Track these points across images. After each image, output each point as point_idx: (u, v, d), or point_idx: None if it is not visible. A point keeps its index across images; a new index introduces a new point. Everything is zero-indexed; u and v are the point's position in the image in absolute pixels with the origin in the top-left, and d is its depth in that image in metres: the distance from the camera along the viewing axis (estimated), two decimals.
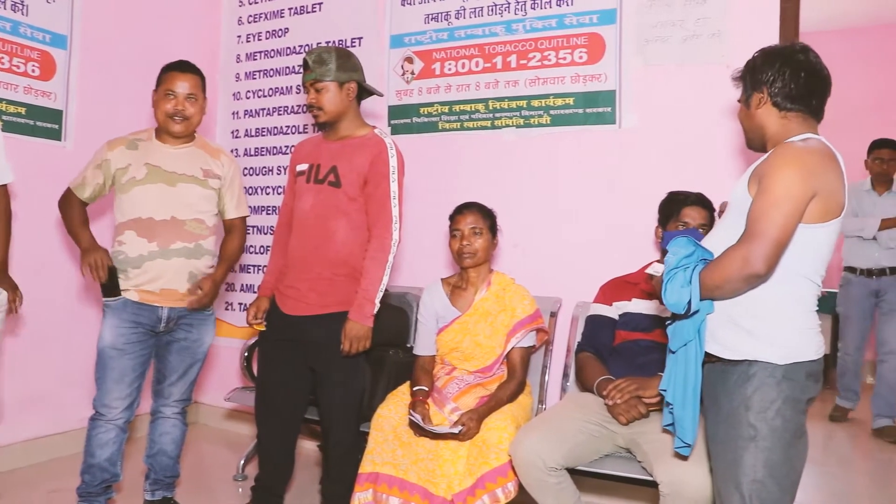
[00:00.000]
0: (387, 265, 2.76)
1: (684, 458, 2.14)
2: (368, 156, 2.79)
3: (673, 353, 1.99)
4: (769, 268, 1.78)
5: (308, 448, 3.98)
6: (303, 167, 2.91)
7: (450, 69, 3.80)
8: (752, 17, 3.15)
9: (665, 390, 2.00)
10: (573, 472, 2.56)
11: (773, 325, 1.88)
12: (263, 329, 2.95)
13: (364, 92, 2.91)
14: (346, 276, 2.81)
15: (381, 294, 2.76)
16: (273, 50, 4.41)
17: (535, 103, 3.56)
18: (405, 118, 3.91)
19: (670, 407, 2.00)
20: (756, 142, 2.05)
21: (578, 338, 3.03)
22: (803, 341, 1.90)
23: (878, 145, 4.98)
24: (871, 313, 4.96)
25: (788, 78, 1.93)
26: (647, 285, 2.79)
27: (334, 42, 4.10)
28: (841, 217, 1.88)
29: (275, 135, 4.38)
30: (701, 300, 1.88)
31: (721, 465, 1.94)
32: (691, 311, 1.88)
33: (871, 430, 4.85)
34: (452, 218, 2.98)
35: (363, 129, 2.89)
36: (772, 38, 3.04)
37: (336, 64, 2.79)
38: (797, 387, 1.86)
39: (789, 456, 1.87)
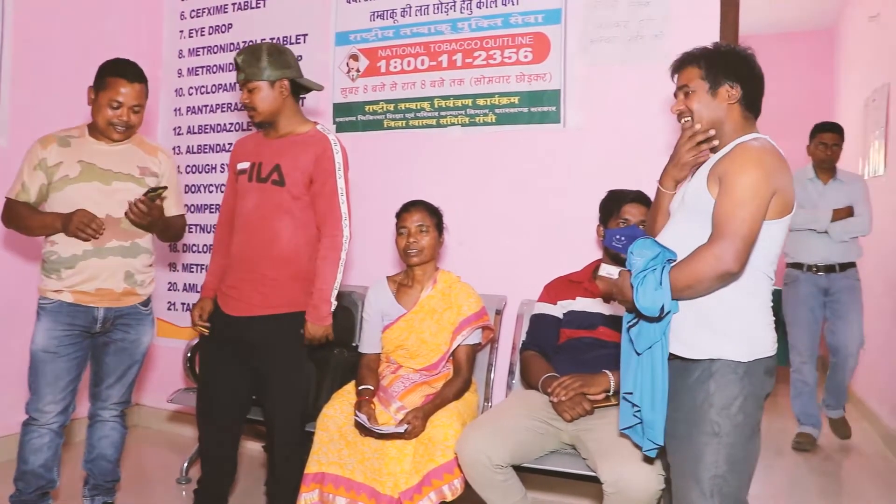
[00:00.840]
0: (340, 263, 2.75)
1: (651, 460, 2.15)
2: (313, 153, 2.76)
3: (639, 354, 1.99)
4: (741, 265, 1.82)
5: (252, 449, 3.93)
6: (244, 165, 2.86)
7: (395, 67, 3.78)
8: (693, 19, 3.22)
9: (631, 393, 2.01)
10: (519, 468, 2.57)
11: (734, 321, 1.91)
12: (207, 333, 2.90)
13: (301, 87, 2.87)
14: (291, 276, 2.78)
15: (335, 292, 2.75)
16: (216, 46, 4.34)
17: (481, 102, 3.57)
18: (350, 116, 3.88)
19: (636, 410, 2.01)
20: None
21: (524, 336, 3.05)
22: (762, 337, 1.94)
23: (820, 129, 4.53)
24: (821, 315, 4.50)
25: (754, 80, 2.01)
26: (591, 284, 2.82)
27: (278, 39, 4.05)
28: (793, 212, 1.94)
29: (218, 132, 4.31)
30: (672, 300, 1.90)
31: (680, 461, 1.96)
32: (664, 314, 1.89)
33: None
34: (399, 216, 2.98)
35: (304, 125, 2.86)
36: (713, 39, 3.08)
37: (266, 62, 2.75)
38: (757, 383, 1.91)
39: (748, 451, 1.91)
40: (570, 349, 2.81)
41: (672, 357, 1.97)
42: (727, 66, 2.00)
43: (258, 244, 2.77)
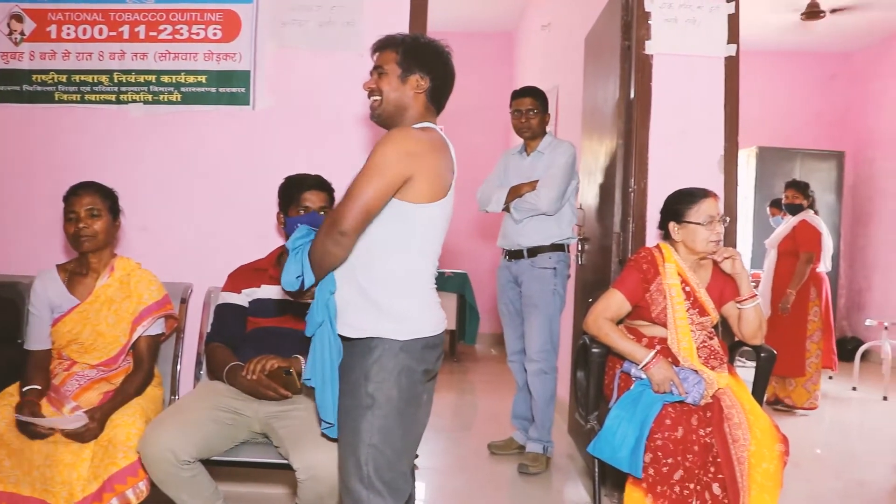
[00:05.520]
0: None
1: (332, 439, 2.18)
2: None
3: (310, 337, 2.04)
4: (353, 227, 1.91)
5: None
6: None
7: (68, 34, 3.44)
8: (384, 9, 3.34)
9: (309, 378, 2.05)
10: (209, 462, 2.51)
11: (393, 302, 2.00)
12: None
13: None
14: None
15: None
16: None
17: (166, 79, 3.41)
18: (14, 85, 3.47)
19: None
20: (389, 114, 2.10)
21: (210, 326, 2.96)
22: (422, 317, 2.05)
23: (516, 94, 4.01)
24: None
25: (445, 77, 2.12)
26: (276, 270, 2.81)
27: None
28: (447, 198, 2.05)
29: None
30: (317, 277, 1.98)
31: (343, 434, 2.03)
32: (305, 288, 1.98)
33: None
34: (66, 199, 2.73)
35: None
36: (402, 31, 3.21)
37: None
38: (414, 359, 2.00)
39: (404, 423, 2.01)
40: (256, 339, 2.78)
41: (343, 339, 2.03)
42: (422, 58, 2.09)
43: None
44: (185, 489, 2.43)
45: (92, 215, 2.69)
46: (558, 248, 3.84)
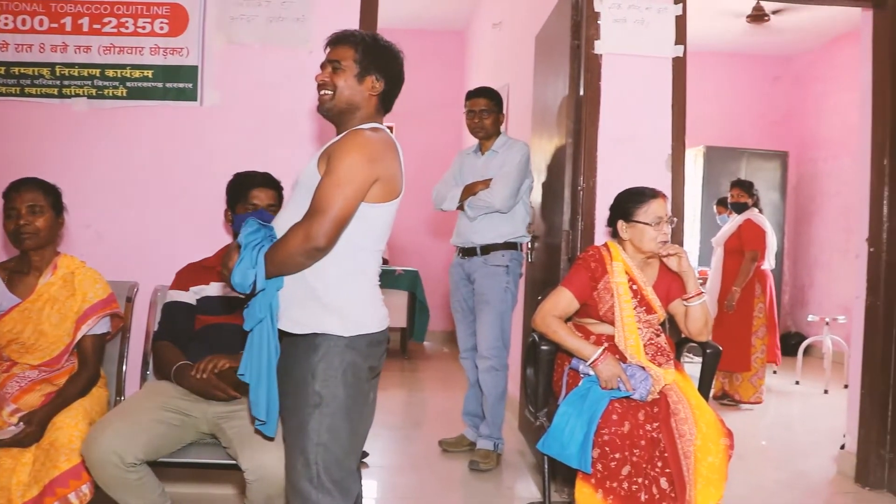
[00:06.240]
0: None
1: (269, 437, 2.16)
2: None
3: (249, 332, 2.02)
4: (329, 242, 1.90)
5: None
6: None
7: (6, 24, 3.34)
8: (334, 6, 3.33)
9: (243, 374, 2.02)
10: (155, 463, 2.47)
11: (338, 298, 1.99)
12: None
13: None
14: None
15: None
16: None
17: (110, 73, 3.33)
18: None
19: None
20: (340, 110, 2.07)
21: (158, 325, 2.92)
22: (367, 313, 2.05)
23: (471, 94, 4.08)
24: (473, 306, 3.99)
25: (398, 82, 2.13)
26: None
27: None
28: (398, 198, 2.07)
29: None
30: (269, 278, 1.94)
31: (288, 433, 2.02)
32: (257, 291, 1.94)
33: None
34: (7, 195, 2.65)
35: None
36: (352, 27, 3.19)
37: None
38: (359, 355, 2.00)
39: (352, 420, 2.01)
40: (206, 337, 2.75)
41: (284, 334, 2.02)
42: (380, 60, 2.08)
43: None
44: (131, 492, 2.38)
45: (34, 212, 2.63)
46: (511, 246, 3.90)
